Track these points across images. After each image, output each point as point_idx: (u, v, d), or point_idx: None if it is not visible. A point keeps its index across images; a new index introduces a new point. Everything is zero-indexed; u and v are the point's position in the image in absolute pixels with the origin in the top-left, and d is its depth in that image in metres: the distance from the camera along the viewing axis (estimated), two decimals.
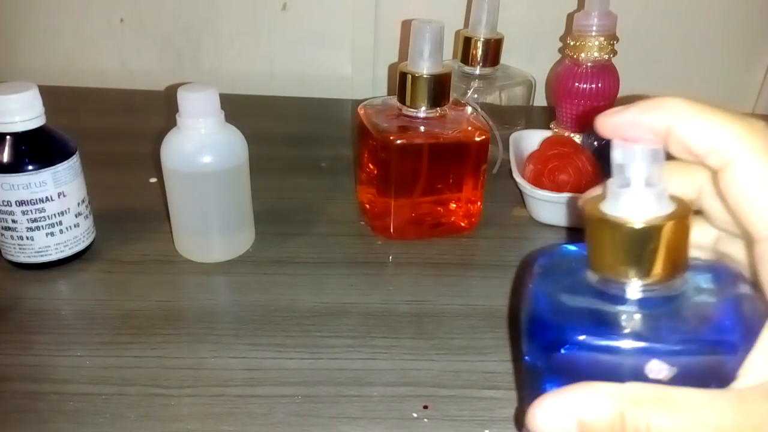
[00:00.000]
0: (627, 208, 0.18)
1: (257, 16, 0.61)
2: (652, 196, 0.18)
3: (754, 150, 0.16)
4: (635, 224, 0.18)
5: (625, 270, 0.18)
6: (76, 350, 0.30)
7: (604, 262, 0.19)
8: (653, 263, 0.18)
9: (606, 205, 0.19)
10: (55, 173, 0.33)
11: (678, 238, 0.18)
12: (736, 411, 0.16)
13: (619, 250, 0.18)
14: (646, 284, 0.19)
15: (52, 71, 0.62)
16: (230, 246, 0.38)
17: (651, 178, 0.18)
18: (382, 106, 0.40)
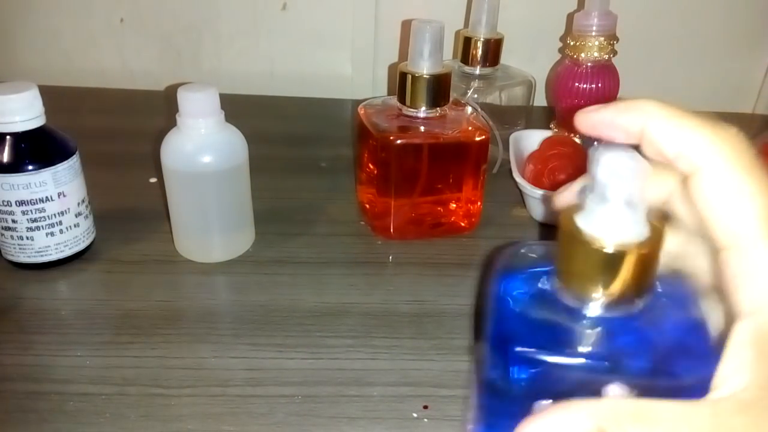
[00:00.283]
0: (602, 226, 0.18)
1: (257, 16, 0.61)
2: (629, 218, 0.18)
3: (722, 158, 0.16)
4: (607, 247, 0.17)
5: (590, 287, 0.18)
6: (77, 350, 0.30)
7: (570, 274, 0.19)
8: (618, 285, 0.18)
9: (581, 219, 0.18)
10: (55, 173, 0.33)
11: (647, 263, 0.18)
12: (711, 423, 0.16)
13: (586, 267, 0.18)
14: (608, 304, 0.18)
15: (52, 71, 0.62)
16: (230, 246, 0.38)
17: (631, 198, 0.18)
18: (382, 106, 0.40)
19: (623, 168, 0.17)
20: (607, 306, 0.19)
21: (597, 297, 0.19)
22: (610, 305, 0.19)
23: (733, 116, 0.63)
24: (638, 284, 0.18)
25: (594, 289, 0.18)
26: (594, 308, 0.19)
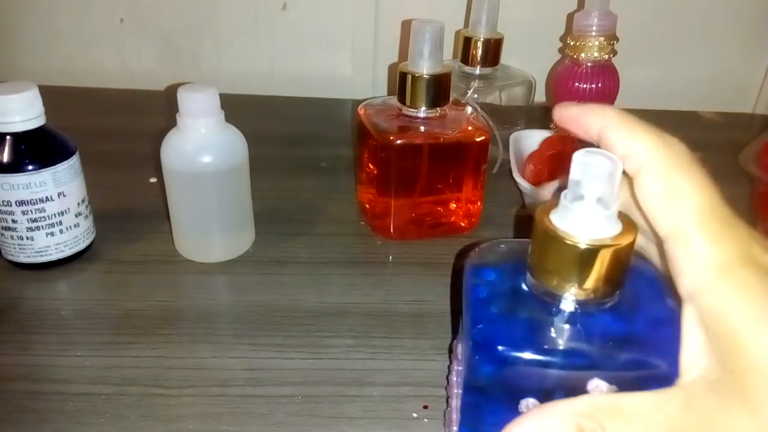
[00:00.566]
0: (575, 223, 0.18)
1: (257, 16, 0.61)
2: (601, 216, 0.18)
3: (661, 158, 0.18)
4: (580, 243, 0.18)
5: (564, 282, 0.19)
6: (76, 350, 0.30)
7: (544, 270, 0.19)
8: (591, 280, 0.19)
9: (555, 216, 0.19)
10: (55, 173, 0.33)
11: (619, 259, 0.19)
12: (683, 408, 0.16)
13: (560, 263, 0.19)
14: (581, 299, 0.19)
15: (52, 71, 0.62)
16: (230, 246, 0.37)
17: (604, 197, 0.18)
18: (382, 106, 0.40)
19: (596, 167, 0.18)
20: (581, 301, 0.19)
21: (571, 292, 0.19)
22: (585, 300, 0.19)
23: (733, 116, 0.63)
24: (611, 279, 0.19)
25: (568, 284, 0.19)
26: (568, 303, 0.19)
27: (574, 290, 0.19)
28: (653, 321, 0.20)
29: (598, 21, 0.46)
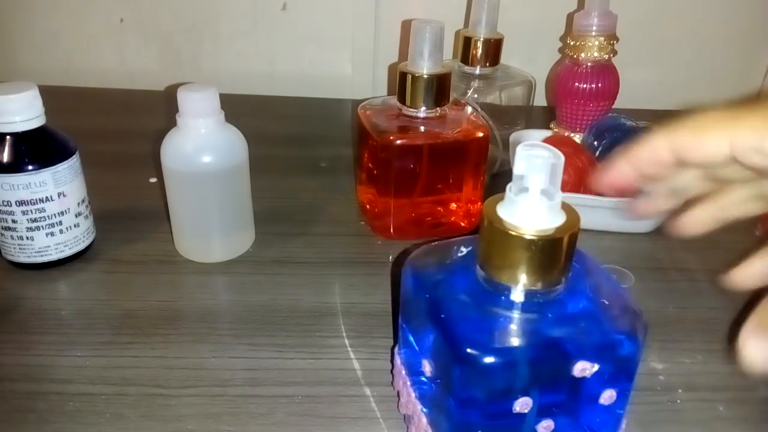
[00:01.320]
0: (521, 216, 0.19)
1: (257, 16, 0.61)
2: (546, 207, 0.19)
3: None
4: (525, 234, 0.19)
5: (514, 274, 0.19)
6: (77, 350, 0.30)
7: (492, 263, 0.20)
8: (540, 271, 0.19)
9: (502, 209, 0.19)
10: (55, 173, 0.33)
11: (565, 248, 0.19)
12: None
13: (507, 255, 0.19)
14: (533, 288, 0.19)
15: (52, 71, 0.62)
16: (230, 246, 0.37)
17: (548, 189, 0.19)
18: (382, 106, 0.40)
19: (539, 160, 0.19)
20: (533, 290, 0.20)
21: (521, 283, 0.19)
22: (534, 289, 0.19)
23: None
24: (559, 266, 0.19)
25: (518, 275, 0.19)
26: (519, 294, 0.20)
27: (523, 281, 0.19)
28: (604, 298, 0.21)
29: (598, 21, 0.46)
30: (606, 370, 0.20)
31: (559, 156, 0.19)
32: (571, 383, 0.20)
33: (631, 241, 0.41)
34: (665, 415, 0.28)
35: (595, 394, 0.21)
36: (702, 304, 0.35)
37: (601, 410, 0.22)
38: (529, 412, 0.20)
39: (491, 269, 0.20)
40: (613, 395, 0.21)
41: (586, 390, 0.21)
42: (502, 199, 0.20)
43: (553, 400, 0.21)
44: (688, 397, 0.29)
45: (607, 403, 0.21)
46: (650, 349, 0.31)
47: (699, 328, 0.33)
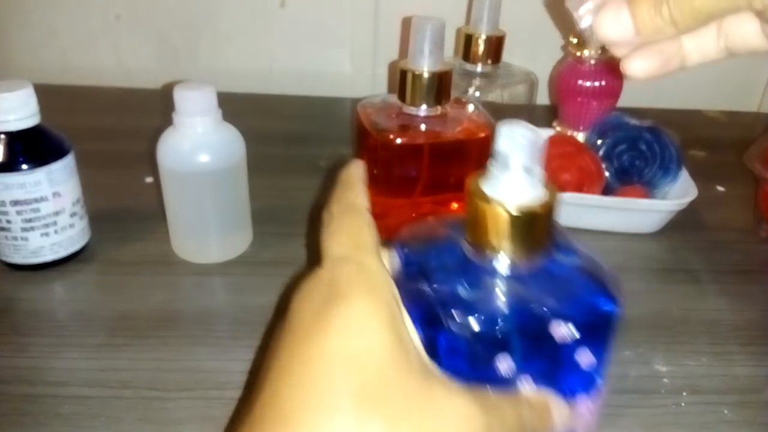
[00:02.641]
0: (505, 191, 0.20)
1: (256, 13, 0.61)
2: (527, 183, 0.20)
3: None
4: (509, 208, 0.20)
5: (497, 246, 0.21)
6: (72, 352, 0.30)
7: (479, 236, 0.21)
8: (522, 243, 0.21)
9: (486, 185, 0.21)
10: (49, 173, 0.33)
11: (546, 221, 0.21)
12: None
13: (492, 229, 0.21)
14: (514, 260, 0.21)
15: (48, 69, 0.61)
16: (228, 246, 0.37)
17: (529, 166, 0.20)
18: (381, 105, 0.39)
19: (521, 139, 0.20)
20: (514, 262, 0.21)
21: (505, 255, 0.21)
22: (518, 261, 0.21)
23: (738, 115, 0.62)
24: (540, 240, 0.21)
25: (502, 248, 0.21)
26: (503, 266, 0.21)
27: (508, 253, 0.21)
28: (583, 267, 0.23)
29: None
30: (585, 334, 0.21)
31: (539, 134, 0.20)
32: (551, 348, 0.22)
33: (635, 242, 0.40)
34: (670, 418, 0.27)
35: (574, 359, 0.22)
36: (706, 305, 0.35)
37: (580, 376, 0.23)
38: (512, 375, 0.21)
39: (476, 242, 0.21)
40: (592, 359, 0.22)
41: (566, 355, 0.22)
42: (486, 175, 0.21)
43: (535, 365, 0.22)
44: (693, 399, 0.28)
45: (585, 366, 0.23)
46: (654, 351, 0.31)
47: (703, 330, 0.33)
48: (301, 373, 0.18)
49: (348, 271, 0.21)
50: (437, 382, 0.19)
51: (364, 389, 0.18)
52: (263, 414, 0.18)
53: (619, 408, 0.28)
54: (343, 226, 0.23)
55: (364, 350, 0.18)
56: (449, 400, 0.18)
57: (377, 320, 0.19)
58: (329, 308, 0.19)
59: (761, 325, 0.33)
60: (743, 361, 0.31)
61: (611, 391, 0.28)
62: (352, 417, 0.17)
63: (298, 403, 0.18)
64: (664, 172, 0.42)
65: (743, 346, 0.32)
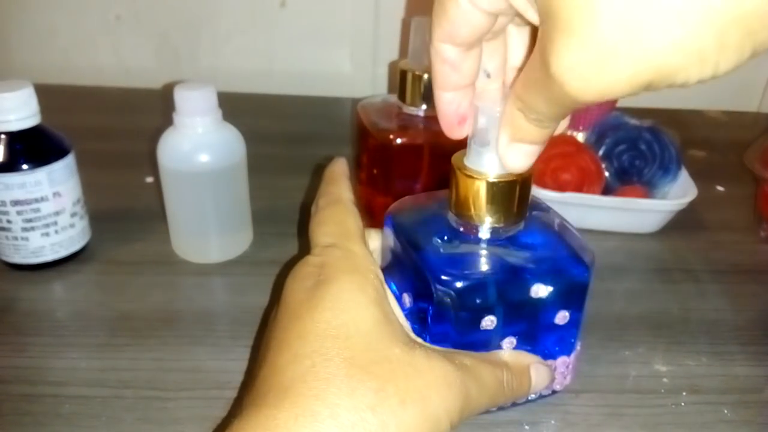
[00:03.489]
0: (484, 164, 0.22)
1: (255, 13, 0.61)
2: None
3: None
4: (489, 179, 0.22)
5: (479, 215, 0.23)
6: (72, 352, 0.30)
7: (462, 207, 0.23)
8: (501, 211, 0.23)
9: (468, 160, 0.23)
10: (50, 173, 0.33)
11: (522, 190, 0.23)
12: None
13: (474, 199, 0.23)
14: (495, 226, 0.23)
15: (48, 69, 0.61)
16: (228, 246, 0.37)
17: None
18: (381, 105, 0.39)
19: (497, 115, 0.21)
20: (495, 229, 0.23)
21: (487, 221, 0.23)
22: (498, 227, 0.23)
23: (738, 115, 0.62)
24: (518, 208, 0.23)
25: (484, 215, 0.23)
26: (486, 231, 0.23)
27: (489, 220, 0.23)
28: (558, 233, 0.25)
29: None
30: (559, 292, 0.24)
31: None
32: (532, 310, 0.24)
33: (635, 242, 0.40)
34: (669, 418, 0.27)
35: (551, 318, 0.24)
36: (706, 305, 0.35)
37: (559, 336, 0.25)
38: (495, 330, 0.23)
39: (460, 212, 0.23)
40: (567, 316, 0.24)
41: (545, 317, 0.24)
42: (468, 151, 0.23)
43: (517, 326, 0.24)
44: (693, 399, 0.28)
45: (561, 323, 0.25)
46: (654, 351, 0.31)
47: (703, 330, 0.33)
48: (297, 345, 0.20)
49: (336, 256, 0.22)
50: (419, 348, 0.21)
51: (354, 357, 0.19)
52: (264, 385, 0.20)
53: (619, 408, 0.28)
54: (329, 216, 0.25)
55: (353, 323, 0.20)
56: (428, 363, 0.20)
57: (363, 297, 0.21)
58: (319, 289, 0.21)
59: (761, 325, 0.33)
60: (743, 361, 0.31)
61: (611, 391, 0.29)
62: (344, 383, 0.19)
63: (295, 373, 0.19)
64: (664, 172, 0.42)
65: (743, 346, 0.32)
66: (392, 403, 0.19)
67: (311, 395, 0.19)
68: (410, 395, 0.19)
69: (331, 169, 0.28)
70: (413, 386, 0.19)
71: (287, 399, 0.19)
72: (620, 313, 0.34)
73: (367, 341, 0.20)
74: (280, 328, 0.21)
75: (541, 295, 0.23)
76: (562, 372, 0.26)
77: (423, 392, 0.20)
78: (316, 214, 0.25)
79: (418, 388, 0.20)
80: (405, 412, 0.19)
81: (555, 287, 0.23)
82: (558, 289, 0.23)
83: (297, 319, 0.21)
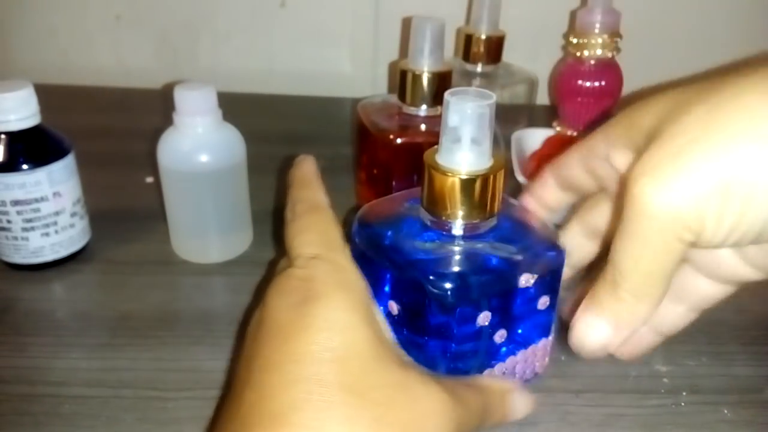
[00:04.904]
0: (455, 161, 0.22)
1: (255, 13, 0.61)
2: (476, 153, 0.22)
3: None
4: (461, 175, 0.22)
5: (452, 211, 0.23)
6: (72, 352, 0.30)
7: (435, 204, 0.23)
8: (477, 206, 0.23)
9: (440, 157, 0.23)
10: (50, 173, 0.33)
11: (493, 186, 0.23)
12: None
13: (447, 195, 0.23)
14: (471, 222, 0.23)
15: (47, 69, 0.61)
16: (228, 246, 0.37)
17: (477, 137, 0.22)
18: (381, 105, 0.39)
19: (469, 111, 0.22)
20: (468, 225, 0.23)
21: (461, 217, 0.23)
22: (471, 224, 0.23)
23: None
24: (490, 202, 0.23)
25: (456, 212, 0.23)
26: (461, 228, 0.23)
27: (461, 216, 0.23)
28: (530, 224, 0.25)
29: (602, 18, 0.46)
30: (542, 279, 0.24)
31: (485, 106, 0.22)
32: (518, 297, 0.24)
33: None
34: (669, 418, 0.27)
35: (535, 305, 0.25)
36: None
37: (541, 321, 0.26)
38: (489, 325, 0.23)
39: (433, 210, 0.23)
40: (547, 301, 0.25)
41: (529, 303, 0.24)
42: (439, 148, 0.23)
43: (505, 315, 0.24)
44: (693, 399, 0.28)
45: (542, 308, 0.25)
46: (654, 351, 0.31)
47: (704, 330, 0.33)
48: (288, 371, 0.19)
49: (323, 270, 0.21)
50: (412, 372, 0.20)
51: (350, 383, 0.18)
52: (252, 413, 0.18)
53: (619, 408, 0.28)
54: (309, 224, 0.24)
55: (348, 346, 0.19)
56: (424, 389, 0.20)
57: (356, 317, 0.20)
58: (309, 306, 0.20)
59: (761, 325, 0.33)
60: (743, 361, 0.31)
61: (611, 391, 0.29)
62: (342, 412, 0.18)
63: (288, 401, 0.18)
64: None
65: (743, 346, 0.32)
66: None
67: (307, 426, 0.17)
68: (409, 426, 0.19)
69: (300, 170, 0.26)
70: (411, 415, 0.19)
71: (278, 429, 0.17)
72: None
73: (363, 365, 0.19)
74: (268, 348, 0.20)
75: (529, 285, 0.23)
76: (542, 355, 0.27)
77: (420, 421, 0.19)
78: (294, 221, 0.24)
79: (416, 418, 0.19)
80: None
81: (539, 274, 0.23)
82: (541, 276, 0.24)
83: (287, 340, 0.19)
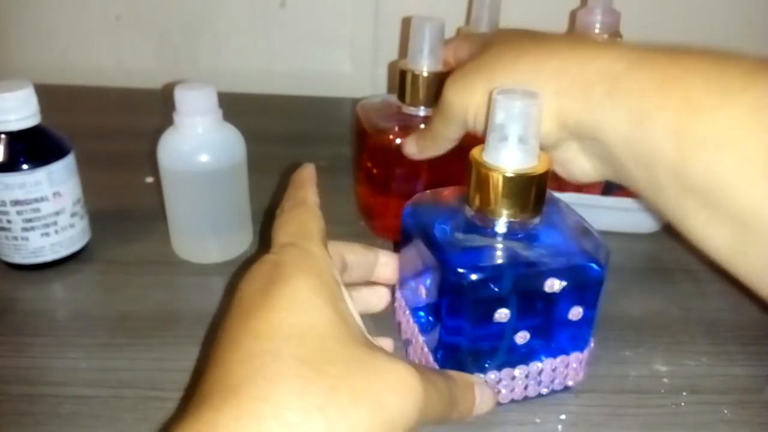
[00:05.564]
0: (502, 159, 0.23)
1: (255, 13, 0.61)
2: (522, 152, 0.23)
3: None
4: (507, 173, 0.23)
5: (496, 208, 0.23)
6: (72, 352, 0.30)
7: (479, 201, 0.24)
8: (518, 206, 0.23)
9: (486, 155, 0.23)
10: (50, 173, 0.33)
11: (539, 185, 0.23)
12: None
13: (492, 194, 0.23)
14: (511, 221, 0.24)
15: (47, 69, 0.61)
16: (228, 247, 0.37)
17: (523, 136, 0.23)
18: (381, 105, 0.39)
19: (516, 110, 0.22)
20: (512, 223, 0.24)
21: (503, 216, 0.23)
22: (515, 222, 0.24)
23: None
24: (534, 203, 0.23)
25: (501, 209, 0.23)
26: (502, 226, 0.24)
27: (506, 214, 0.23)
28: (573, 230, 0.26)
29: (602, 18, 0.45)
30: (573, 288, 0.24)
31: (533, 105, 0.22)
32: (543, 301, 0.24)
33: (635, 242, 0.40)
34: (669, 418, 0.27)
35: (564, 314, 0.25)
36: (706, 305, 0.35)
37: (572, 332, 0.26)
38: (508, 323, 0.24)
39: (478, 206, 0.24)
40: (580, 312, 0.25)
41: (557, 310, 0.24)
42: (486, 146, 0.24)
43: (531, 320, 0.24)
44: (693, 399, 0.28)
45: (574, 319, 0.25)
46: (654, 351, 0.31)
47: (703, 330, 0.33)
48: (248, 346, 0.19)
49: (292, 255, 0.22)
50: (380, 351, 0.20)
51: (306, 357, 0.19)
52: (213, 389, 0.18)
53: (618, 408, 0.28)
54: (292, 218, 0.25)
55: (307, 324, 0.20)
56: (390, 365, 0.20)
57: (318, 298, 0.20)
58: (274, 287, 0.21)
59: (761, 325, 0.33)
60: (743, 361, 0.31)
61: (611, 391, 0.29)
62: (294, 383, 0.18)
63: (245, 373, 0.18)
64: None
65: (743, 346, 0.32)
66: (343, 403, 0.18)
67: (257, 396, 0.17)
68: (364, 395, 0.18)
69: (298, 174, 0.28)
70: (369, 386, 0.19)
71: (232, 400, 0.18)
72: (620, 313, 0.34)
73: (322, 342, 0.19)
74: (232, 326, 0.20)
75: (555, 290, 0.23)
76: (574, 368, 0.27)
77: (379, 393, 0.19)
78: (279, 217, 0.25)
79: (375, 389, 0.19)
80: (357, 413, 0.18)
81: (568, 282, 0.23)
82: (571, 285, 0.24)
83: (249, 317, 0.20)
